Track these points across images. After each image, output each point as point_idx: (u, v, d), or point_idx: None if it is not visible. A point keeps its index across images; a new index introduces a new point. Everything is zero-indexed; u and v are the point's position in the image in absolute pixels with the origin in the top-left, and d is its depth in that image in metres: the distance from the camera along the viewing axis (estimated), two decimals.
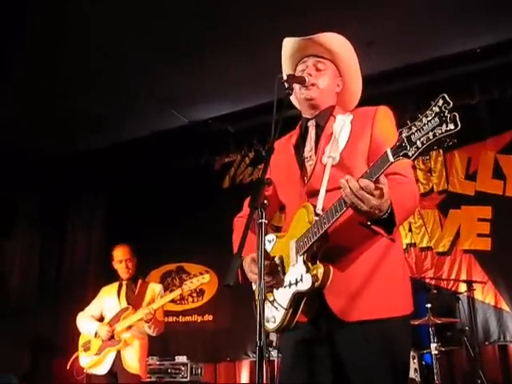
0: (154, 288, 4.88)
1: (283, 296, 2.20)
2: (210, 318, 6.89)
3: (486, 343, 5.46)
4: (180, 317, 6.94)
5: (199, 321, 6.94)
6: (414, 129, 1.72)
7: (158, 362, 5.72)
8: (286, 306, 2.17)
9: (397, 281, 2.17)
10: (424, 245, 5.98)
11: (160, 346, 5.13)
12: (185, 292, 4.66)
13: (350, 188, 1.85)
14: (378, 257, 2.15)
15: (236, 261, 1.98)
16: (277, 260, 2.28)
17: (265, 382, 1.86)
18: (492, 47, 5.65)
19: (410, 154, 1.73)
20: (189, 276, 7.11)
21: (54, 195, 7.96)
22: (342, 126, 2.28)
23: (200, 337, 6.80)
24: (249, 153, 7.31)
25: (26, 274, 7.70)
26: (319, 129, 2.38)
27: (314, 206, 2.17)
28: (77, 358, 4.73)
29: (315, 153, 2.33)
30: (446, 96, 1.69)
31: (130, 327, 4.57)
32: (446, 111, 1.65)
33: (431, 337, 4.78)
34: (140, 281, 4.90)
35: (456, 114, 1.65)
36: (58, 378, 6.47)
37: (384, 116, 2.30)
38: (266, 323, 2.21)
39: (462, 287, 5.40)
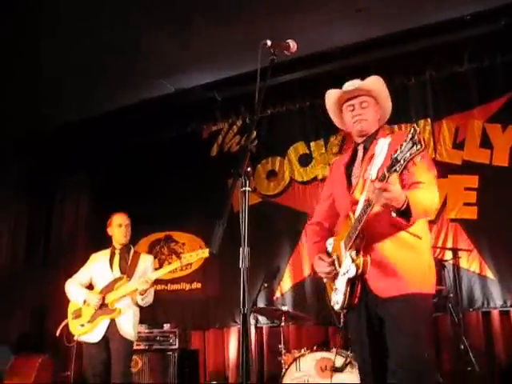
0: (146, 259, 4.88)
1: (341, 284, 2.85)
2: (199, 285, 6.93)
3: (470, 310, 5.54)
4: (168, 285, 6.96)
5: (187, 289, 6.96)
6: (398, 152, 2.34)
7: (146, 330, 5.75)
8: (343, 291, 2.81)
9: (420, 268, 2.75)
10: None
11: (149, 313, 5.16)
12: (183, 265, 4.67)
13: (373, 188, 2.49)
14: (406, 251, 2.74)
15: (219, 229, 1.99)
16: (334, 257, 2.95)
17: (252, 346, 1.98)
18: (482, 14, 5.59)
19: (397, 169, 2.36)
20: (177, 244, 7.14)
21: (41, 166, 7.90)
22: (381, 148, 2.68)
23: (188, 304, 6.84)
24: (236, 121, 7.28)
25: (13, 244, 7.69)
26: (365, 151, 2.98)
27: (354, 213, 2.78)
28: (66, 325, 4.73)
29: (360, 170, 2.92)
30: (416, 127, 2.30)
31: (123, 296, 4.57)
32: (415, 137, 2.27)
33: None
34: (133, 250, 4.89)
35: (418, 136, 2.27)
36: (49, 345, 6.53)
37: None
38: (333, 305, 2.92)
39: (448, 255, 5.43)
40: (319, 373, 4.65)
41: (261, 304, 6.28)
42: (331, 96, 3.09)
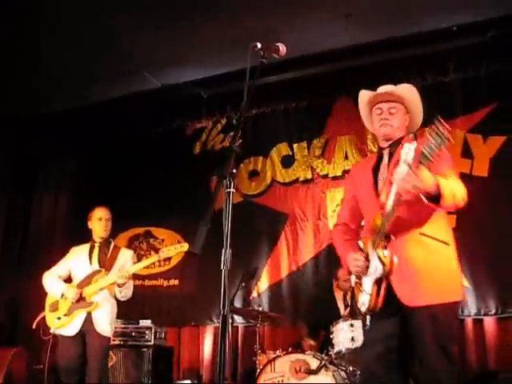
0: (126, 253, 4.86)
1: (368, 284, 2.86)
2: (176, 282, 6.91)
3: None
4: (146, 280, 6.93)
5: (165, 285, 6.94)
6: (425, 145, 2.41)
7: (122, 325, 5.72)
8: (370, 292, 2.83)
9: (449, 275, 2.80)
10: None
11: (124, 309, 5.11)
12: (161, 259, 4.65)
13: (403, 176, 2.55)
14: (434, 257, 2.79)
15: (202, 229, 2.00)
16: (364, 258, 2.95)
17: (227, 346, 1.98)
18: (469, 26, 5.68)
19: (423, 162, 2.45)
20: (156, 240, 7.12)
21: (22, 157, 7.80)
22: (407, 152, 2.71)
23: (165, 301, 6.82)
24: (221, 119, 7.28)
25: None
26: (391, 155, 3.02)
27: (382, 215, 2.80)
28: (43, 317, 4.69)
29: (387, 174, 2.96)
30: (440, 119, 2.35)
31: (101, 289, 4.54)
32: (440, 128, 2.34)
33: None
34: (112, 244, 4.87)
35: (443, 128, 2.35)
36: (22, 338, 6.47)
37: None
38: (360, 307, 2.91)
39: None
40: (293, 374, 4.68)
41: (237, 304, 6.28)
42: (363, 97, 3.16)
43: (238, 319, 6.37)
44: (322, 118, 6.64)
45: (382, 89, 3.06)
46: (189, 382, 6.08)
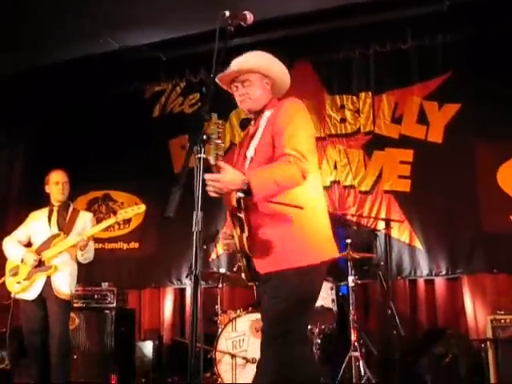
0: (85, 216, 4.84)
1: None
2: (136, 245, 6.93)
3: (399, 277, 5.85)
4: (106, 244, 6.93)
5: (125, 248, 6.96)
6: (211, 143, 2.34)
7: (84, 288, 5.75)
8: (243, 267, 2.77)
9: (297, 241, 2.62)
10: (347, 183, 6.21)
11: (85, 272, 5.14)
12: (119, 220, 4.65)
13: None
14: (281, 222, 2.63)
15: (176, 193, 2.05)
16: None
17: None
18: None
19: (219, 152, 2.37)
20: (116, 203, 7.10)
21: None
22: (263, 122, 2.73)
23: (126, 264, 6.85)
24: (180, 82, 7.24)
25: None
26: (254, 127, 2.86)
27: None
28: (3, 283, 4.67)
29: (245, 148, 2.84)
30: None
31: (60, 253, 4.54)
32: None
33: (349, 270, 5.04)
34: (71, 208, 4.84)
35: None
36: None
37: (286, 108, 2.72)
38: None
39: (381, 225, 5.69)
40: (254, 333, 4.82)
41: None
42: (219, 81, 2.91)
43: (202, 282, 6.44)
44: None
45: (229, 69, 2.82)
46: (150, 342, 6.17)
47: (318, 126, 6.40)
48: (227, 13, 2.49)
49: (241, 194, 2.53)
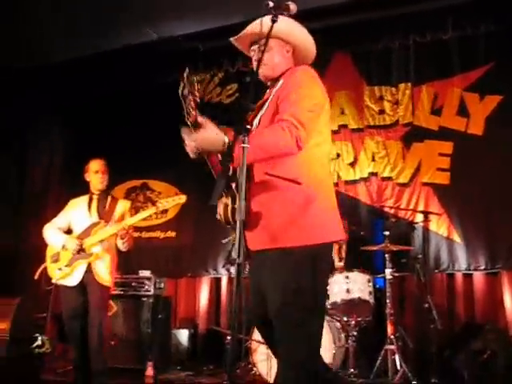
0: (125, 204, 4.88)
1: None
2: (173, 234, 7.00)
3: (436, 271, 5.78)
4: (143, 232, 7.02)
5: (162, 237, 7.04)
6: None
7: (122, 276, 5.84)
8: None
9: (297, 215, 2.40)
10: (386, 175, 6.14)
11: (123, 260, 5.21)
12: (159, 210, 4.70)
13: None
14: (279, 196, 2.42)
15: (220, 182, 2.06)
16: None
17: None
18: None
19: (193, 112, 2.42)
20: (153, 193, 7.18)
21: (14, 109, 7.68)
22: (275, 90, 2.58)
23: (162, 252, 6.93)
24: (218, 73, 7.26)
25: None
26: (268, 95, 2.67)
27: None
28: (45, 268, 4.76)
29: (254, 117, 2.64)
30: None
31: (101, 241, 4.61)
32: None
33: (386, 262, 5.01)
34: (110, 196, 4.91)
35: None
36: (21, 288, 6.55)
37: (295, 75, 2.57)
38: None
39: (419, 217, 5.62)
40: None
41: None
42: (236, 44, 2.80)
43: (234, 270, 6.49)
44: (318, 72, 6.61)
45: (245, 31, 2.70)
46: (186, 330, 6.24)
47: (356, 117, 6.37)
48: (271, 3, 2.47)
49: (221, 157, 2.42)
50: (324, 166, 2.57)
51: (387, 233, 5.02)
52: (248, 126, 2.24)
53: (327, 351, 4.65)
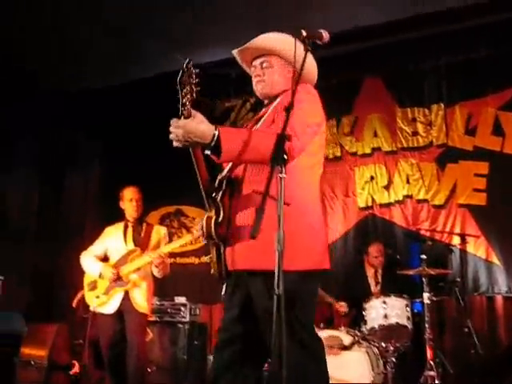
0: (160, 231, 4.93)
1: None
2: (207, 259, 7.00)
3: (475, 294, 5.68)
4: (177, 258, 7.04)
5: (196, 262, 7.06)
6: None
7: (158, 302, 5.86)
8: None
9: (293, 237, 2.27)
10: (421, 197, 6.09)
11: (158, 286, 5.24)
12: (194, 238, 4.72)
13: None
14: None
15: (260, 214, 2.05)
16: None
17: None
18: (500, 1, 5.61)
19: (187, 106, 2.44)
20: (187, 218, 7.22)
21: (52, 137, 7.86)
22: (273, 105, 2.58)
23: (197, 278, 6.92)
24: (250, 98, 7.29)
25: (24, 216, 7.66)
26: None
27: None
28: (82, 296, 4.81)
29: None
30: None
31: (137, 269, 4.65)
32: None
33: (424, 286, 4.93)
34: (145, 223, 4.95)
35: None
36: (59, 314, 6.63)
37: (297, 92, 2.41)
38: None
39: (456, 240, 5.55)
40: (327, 350, 4.76)
41: None
42: (236, 57, 2.81)
43: None
44: (350, 96, 6.63)
45: (247, 44, 2.66)
46: None
47: (389, 139, 6.34)
48: (304, 32, 2.47)
49: (208, 152, 2.39)
50: (314, 190, 2.54)
51: (424, 256, 4.94)
52: (285, 157, 2.22)
53: (365, 378, 4.59)
